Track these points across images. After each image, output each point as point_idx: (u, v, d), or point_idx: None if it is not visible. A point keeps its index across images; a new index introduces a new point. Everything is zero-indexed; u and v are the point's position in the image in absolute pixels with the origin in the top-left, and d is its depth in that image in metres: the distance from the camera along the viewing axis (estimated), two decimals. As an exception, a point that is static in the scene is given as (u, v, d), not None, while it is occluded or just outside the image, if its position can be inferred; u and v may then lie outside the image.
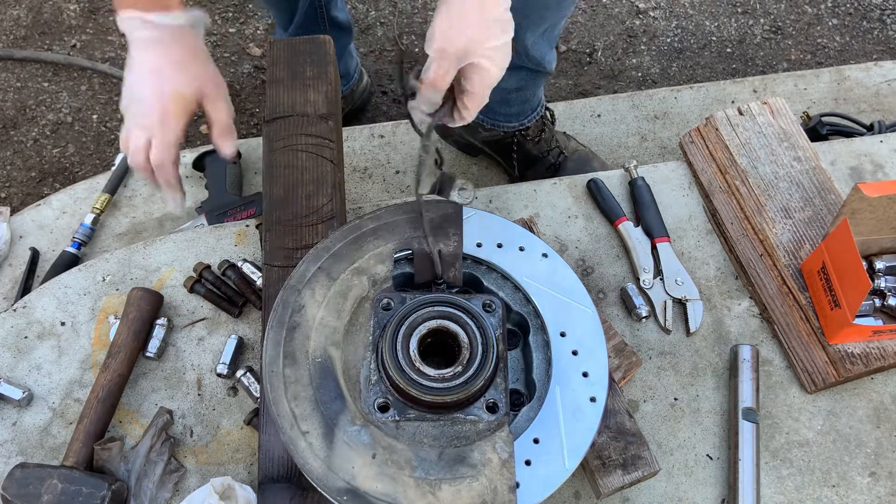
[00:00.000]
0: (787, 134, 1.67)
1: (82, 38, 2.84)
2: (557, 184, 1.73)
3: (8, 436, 1.45)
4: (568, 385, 1.19)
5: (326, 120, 1.55)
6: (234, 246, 1.64)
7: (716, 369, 1.52)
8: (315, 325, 1.20)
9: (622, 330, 1.55)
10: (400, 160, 2.06)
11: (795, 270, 1.52)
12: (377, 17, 2.96)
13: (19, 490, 1.31)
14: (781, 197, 1.59)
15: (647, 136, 2.11)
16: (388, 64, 2.87)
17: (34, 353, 1.53)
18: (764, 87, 2.18)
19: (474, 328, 1.15)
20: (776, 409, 1.48)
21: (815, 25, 2.95)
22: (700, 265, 1.63)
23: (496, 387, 1.17)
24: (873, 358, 1.44)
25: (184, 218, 1.98)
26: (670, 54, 2.89)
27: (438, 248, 1.27)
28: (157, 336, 1.50)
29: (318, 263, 1.25)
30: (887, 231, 1.48)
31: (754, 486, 1.37)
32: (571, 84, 2.84)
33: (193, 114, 1.30)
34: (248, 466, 1.42)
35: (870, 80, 2.19)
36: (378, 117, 2.78)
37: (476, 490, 1.09)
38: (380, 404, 1.16)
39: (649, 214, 1.65)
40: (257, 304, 1.54)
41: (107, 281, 1.60)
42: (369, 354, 1.21)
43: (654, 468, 1.31)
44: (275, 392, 1.15)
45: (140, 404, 1.47)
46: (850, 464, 1.44)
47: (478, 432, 1.15)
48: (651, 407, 1.48)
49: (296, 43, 1.63)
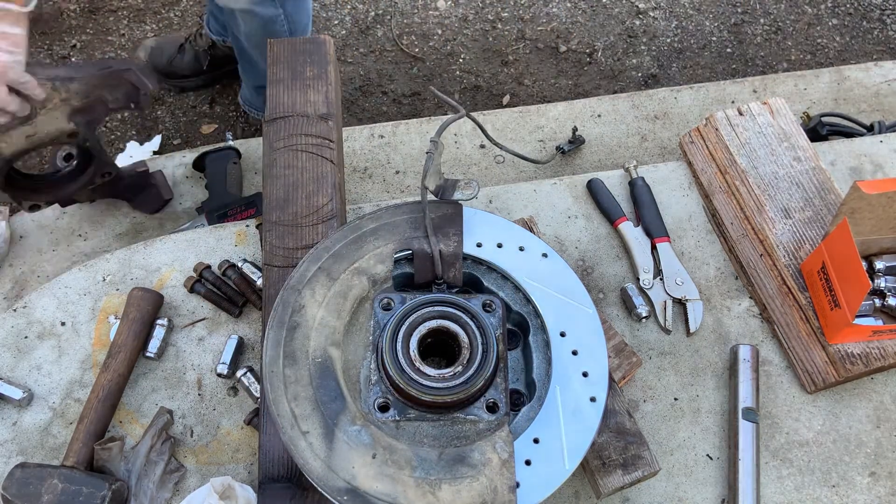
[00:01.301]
0: (787, 134, 1.67)
1: (82, 38, 2.84)
2: (557, 184, 1.73)
3: (8, 436, 1.46)
4: (568, 385, 1.19)
5: (326, 120, 1.55)
6: (234, 246, 1.64)
7: (716, 369, 1.52)
8: (315, 325, 1.20)
9: (622, 330, 1.55)
10: (400, 160, 2.06)
11: (795, 270, 1.52)
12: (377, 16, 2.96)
13: (19, 490, 1.31)
14: (781, 197, 1.59)
15: (647, 136, 2.11)
16: (388, 64, 2.87)
17: (34, 353, 1.53)
18: (764, 87, 2.18)
19: (474, 328, 1.15)
20: (776, 409, 1.48)
21: (815, 25, 2.95)
22: (700, 265, 1.63)
23: (496, 387, 1.17)
24: (873, 358, 1.44)
25: (184, 218, 1.98)
26: (670, 54, 2.89)
27: (439, 248, 1.27)
28: (157, 336, 1.50)
29: (318, 263, 1.25)
30: (887, 231, 1.48)
31: (754, 486, 1.37)
32: (571, 84, 2.84)
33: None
34: (248, 466, 1.42)
35: (870, 80, 2.19)
36: (378, 117, 2.78)
37: (476, 490, 1.09)
38: (380, 404, 1.16)
39: (649, 214, 1.65)
40: (257, 304, 1.54)
41: (107, 281, 1.60)
42: (369, 354, 1.21)
43: (654, 468, 1.31)
44: (275, 392, 1.15)
45: (140, 404, 1.47)
46: (850, 464, 1.44)
47: (478, 432, 1.15)
48: (651, 407, 1.48)
49: (296, 43, 1.64)
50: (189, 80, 2.72)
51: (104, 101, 1.58)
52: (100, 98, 1.57)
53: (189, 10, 3.03)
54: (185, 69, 2.67)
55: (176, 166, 2.06)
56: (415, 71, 2.87)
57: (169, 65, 2.66)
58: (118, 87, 1.57)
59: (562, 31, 2.95)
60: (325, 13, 2.99)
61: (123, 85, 1.58)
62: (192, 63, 2.67)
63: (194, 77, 2.71)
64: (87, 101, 1.55)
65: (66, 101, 1.51)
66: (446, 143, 2.08)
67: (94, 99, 1.56)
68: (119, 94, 1.59)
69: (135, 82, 1.58)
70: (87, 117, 1.58)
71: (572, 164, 2.07)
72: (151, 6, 3.00)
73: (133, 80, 1.58)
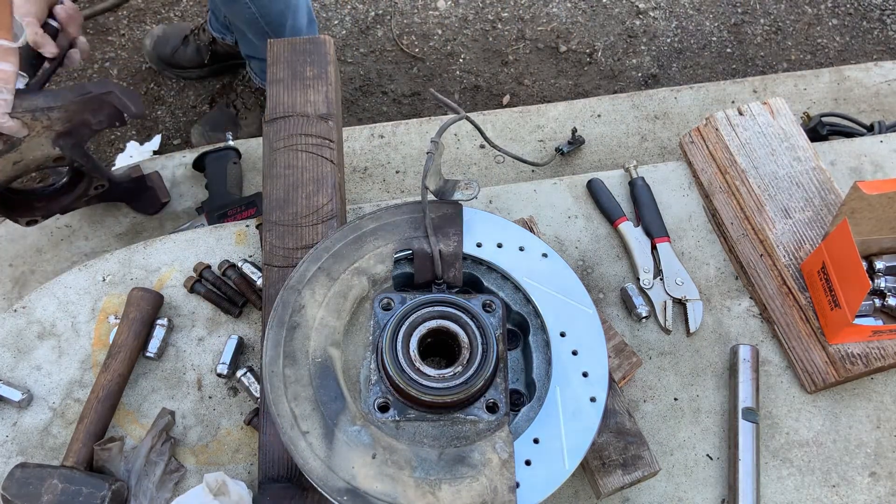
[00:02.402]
0: (787, 134, 1.67)
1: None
2: (557, 184, 1.73)
3: (8, 436, 1.46)
4: (568, 385, 1.19)
5: (326, 120, 1.55)
6: (235, 246, 1.64)
7: (716, 369, 1.52)
8: (315, 325, 1.20)
9: (622, 330, 1.55)
10: (400, 160, 2.06)
11: (795, 270, 1.52)
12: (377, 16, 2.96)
13: (19, 490, 1.31)
14: (781, 197, 1.59)
15: (647, 136, 2.11)
16: (388, 64, 2.87)
17: (34, 353, 1.53)
18: (764, 87, 2.18)
19: (474, 328, 1.15)
20: (776, 409, 1.48)
21: (815, 25, 2.95)
22: (700, 265, 1.63)
23: (496, 387, 1.17)
24: (873, 358, 1.44)
25: (184, 218, 1.98)
26: (670, 54, 2.89)
27: (438, 248, 1.27)
28: (157, 336, 1.50)
29: (318, 263, 1.25)
30: (887, 231, 1.48)
31: (754, 486, 1.37)
32: (571, 84, 2.84)
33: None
34: (248, 466, 1.42)
35: (870, 80, 2.19)
36: (378, 117, 2.78)
37: (476, 490, 1.09)
38: (380, 404, 1.16)
39: (649, 214, 1.65)
40: (257, 304, 1.54)
41: (107, 281, 1.60)
42: (369, 354, 1.21)
43: (654, 468, 1.31)
44: (275, 392, 1.15)
45: (140, 404, 1.47)
46: (850, 464, 1.44)
47: (478, 432, 1.15)
48: (651, 407, 1.48)
49: (296, 43, 1.64)
50: (190, 71, 2.76)
51: (88, 123, 1.56)
52: (83, 121, 1.55)
53: (189, 10, 3.03)
54: (188, 61, 2.71)
55: (176, 166, 2.06)
56: (415, 71, 2.87)
57: (172, 55, 2.70)
58: (100, 109, 1.55)
59: (562, 31, 2.95)
60: (325, 13, 2.99)
61: (105, 107, 1.55)
62: (195, 56, 2.70)
63: (195, 69, 2.74)
64: (70, 126, 1.53)
65: (48, 128, 1.50)
66: (446, 142, 2.08)
67: (77, 123, 1.54)
68: (102, 116, 1.56)
69: (116, 104, 1.56)
70: (72, 140, 1.56)
71: (572, 164, 2.07)
72: (151, 6, 3.01)
73: (115, 102, 1.55)
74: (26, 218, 1.74)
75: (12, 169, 1.54)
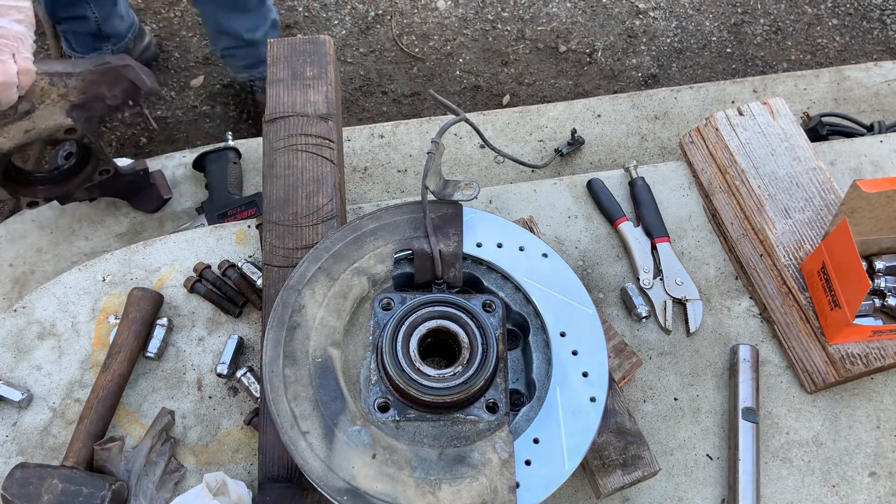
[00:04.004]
0: (787, 134, 1.67)
1: (82, 38, 2.84)
2: (557, 184, 1.73)
3: (8, 436, 1.46)
4: (568, 385, 1.19)
5: (326, 120, 1.55)
6: (235, 246, 1.64)
7: (716, 369, 1.52)
8: (315, 325, 1.20)
9: (622, 330, 1.55)
10: (400, 160, 2.06)
11: (795, 270, 1.52)
12: (377, 16, 2.96)
13: (19, 490, 1.31)
14: (781, 197, 1.60)
15: (647, 136, 2.11)
16: (388, 64, 2.87)
17: (34, 353, 1.53)
18: (764, 87, 2.18)
19: (474, 328, 1.15)
20: (776, 409, 1.48)
21: (815, 25, 2.95)
22: (700, 265, 1.63)
23: (496, 387, 1.17)
24: (873, 358, 1.44)
25: (184, 218, 1.98)
26: (670, 54, 2.89)
27: (438, 248, 1.27)
28: (157, 336, 1.50)
29: (318, 263, 1.25)
30: (887, 231, 1.48)
31: (754, 486, 1.37)
32: (571, 84, 2.84)
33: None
34: (248, 466, 1.42)
35: (870, 80, 2.19)
36: (378, 117, 2.78)
37: (476, 490, 1.09)
38: (380, 404, 1.16)
39: (649, 214, 1.65)
40: (257, 304, 1.54)
41: (107, 281, 1.60)
42: (369, 354, 1.21)
43: (654, 468, 1.31)
44: (275, 392, 1.15)
45: (140, 404, 1.47)
46: (849, 464, 1.44)
47: (478, 432, 1.15)
48: (651, 407, 1.48)
49: (296, 43, 1.64)
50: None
51: (102, 97, 1.58)
52: (98, 94, 1.57)
53: (189, 9, 3.03)
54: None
55: (176, 166, 2.06)
56: (415, 71, 2.87)
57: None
58: (116, 83, 1.57)
59: (562, 31, 2.95)
60: (325, 13, 2.99)
61: (122, 81, 1.58)
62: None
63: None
64: (85, 98, 1.55)
65: (63, 97, 1.52)
66: (447, 142, 2.08)
67: (92, 95, 1.56)
68: (117, 90, 1.59)
69: (133, 79, 1.58)
70: (86, 114, 1.58)
71: (572, 164, 2.07)
72: (151, 6, 3.01)
73: (132, 76, 1.58)
74: (28, 198, 1.74)
75: (23, 137, 1.54)
